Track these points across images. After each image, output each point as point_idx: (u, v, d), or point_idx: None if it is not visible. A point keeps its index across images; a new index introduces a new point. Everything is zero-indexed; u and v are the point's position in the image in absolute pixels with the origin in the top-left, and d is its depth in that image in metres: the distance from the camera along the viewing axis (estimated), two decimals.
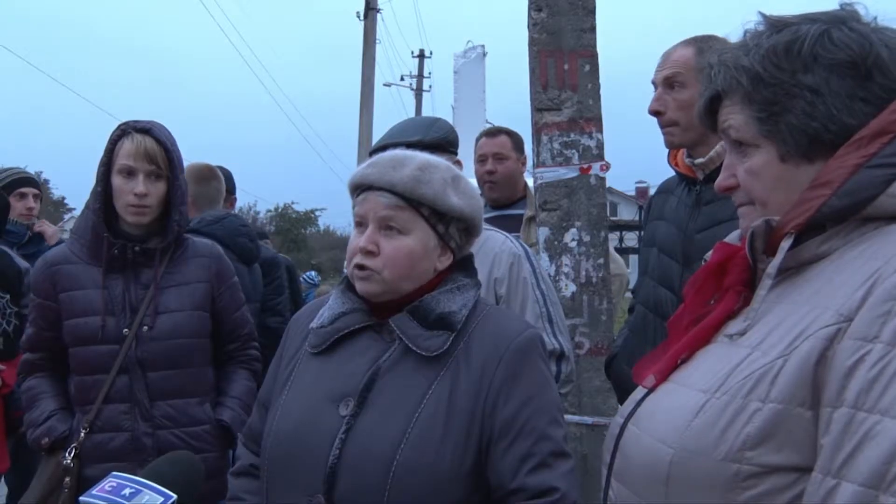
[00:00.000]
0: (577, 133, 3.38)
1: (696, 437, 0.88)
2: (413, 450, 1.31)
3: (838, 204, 0.90)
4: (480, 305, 1.50)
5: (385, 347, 1.42)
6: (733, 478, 0.85)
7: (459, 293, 1.47)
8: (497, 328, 1.45)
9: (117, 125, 2.15)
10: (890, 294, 0.80)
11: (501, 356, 1.40)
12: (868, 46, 0.92)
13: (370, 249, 1.41)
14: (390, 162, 1.44)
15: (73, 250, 2.16)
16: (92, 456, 2.04)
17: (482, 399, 1.37)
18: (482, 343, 1.42)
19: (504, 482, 1.35)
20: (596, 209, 3.35)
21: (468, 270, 1.54)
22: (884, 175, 0.88)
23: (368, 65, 17.49)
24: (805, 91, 0.94)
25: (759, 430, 0.84)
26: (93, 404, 2.06)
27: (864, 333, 0.80)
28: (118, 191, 2.10)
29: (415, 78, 29.25)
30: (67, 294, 2.11)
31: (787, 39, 0.96)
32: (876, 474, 0.74)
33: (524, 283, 2.15)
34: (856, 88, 0.92)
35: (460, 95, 8.63)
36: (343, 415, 1.36)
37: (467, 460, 1.34)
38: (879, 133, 0.90)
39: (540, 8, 3.44)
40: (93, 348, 2.08)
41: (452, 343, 1.40)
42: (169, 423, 2.11)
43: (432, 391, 1.37)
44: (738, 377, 0.88)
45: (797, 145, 0.96)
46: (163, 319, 2.12)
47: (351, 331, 1.45)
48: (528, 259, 2.21)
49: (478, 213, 1.51)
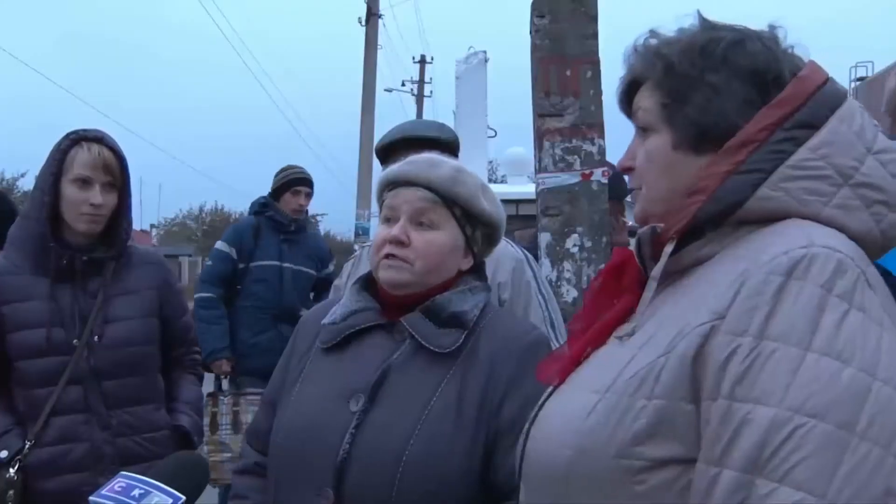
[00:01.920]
0: (578, 139, 3.39)
1: (589, 436, 0.93)
2: (423, 445, 1.33)
3: (712, 209, 0.96)
4: (489, 307, 1.53)
5: (396, 346, 1.44)
6: (626, 473, 0.89)
7: (471, 294, 1.49)
8: (506, 328, 1.48)
9: (65, 134, 2.12)
10: (755, 290, 0.85)
11: (510, 354, 1.42)
12: (773, 63, 0.99)
13: (402, 239, 1.44)
14: (427, 161, 1.50)
15: (12, 261, 2.10)
16: (47, 469, 2.01)
17: (490, 395, 1.39)
18: (492, 341, 1.44)
19: (508, 479, 1.36)
20: (598, 215, 3.36)
21: (480, 275, 1.57)
22: (751, 180, 0.94)
23: (370, 70, 17.53)
24: (707, 87, 1.00)
25: (645, 426, 0.89)
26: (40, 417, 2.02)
27: (734, 328, 0.85)
28: (71, 200, 2.07)
29: (416, 83, 29.30)
30: (10, 306, 2.05)
31: (706, 39, 1.02)
32: (750, 459, 0.79)
33: (527, 286, 2.17)
34: (753, 96, 0.99)
35: (462, 101, 8.66)
36: (353, 410, 1.37)
37: (475, 456, 1.36)
38: (746, 142, 0.96)
39: (542, 14, 3.46)
40: (41, 360, 2.04)
41: (463, 341, 1.42)
42: (129, 431, 2.09)
43: (442, 388, 1.38)
44: (625, 376, 0.93)
45: (688, 136, 1.01)
46: (115, 328, 2.10)
47: (362, 329, 1.47)
48: (529, 264, 2.23)
49: (502, 223, 1.56)
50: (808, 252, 0.86)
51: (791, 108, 0.96)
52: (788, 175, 0.94)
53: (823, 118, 0.96)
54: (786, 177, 0.94)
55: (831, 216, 0.93)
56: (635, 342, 0.97)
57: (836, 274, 0.85)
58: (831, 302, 0.83)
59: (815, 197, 0.93)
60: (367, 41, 17.69)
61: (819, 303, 0.83)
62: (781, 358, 0.81)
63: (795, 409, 0.79)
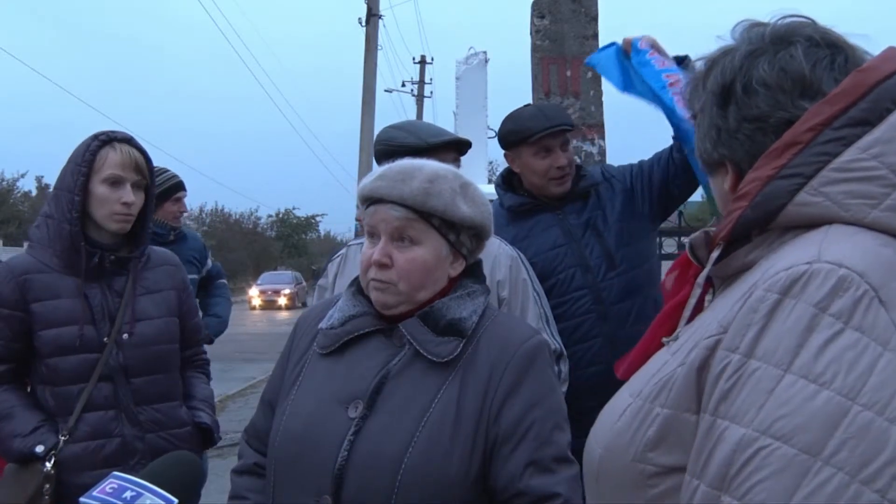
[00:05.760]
0: (579, 139, 3.39)
1: (616, 437, 0.95)
2: (421, 453, 1.32)
3: (751, 215, 0.94)
4: (489, 311, 1.51)
5: (395, 352, 1.43)
6: (640, 476, 0.91)
7: (470, 299, 1.48)
8: (505, 334, 1.46)
9: (92, 135, 2.16)
10: (752, 307, 0.84)
11: (509, 361, 1.41)
12: (728, 76, 0.99)
13: (384, 262, 1.42)
14: (399, 174, 1.44)
15: (41, 259, 2.14)
16: (81, 464, 2.04)
17: (489, 403, 1.38)
18: (490, 348, 1.43)
19: (507, 486, 1.35)
20: None
21: (477, 276, 1.55)
22: (791, 185, 0.91)
23: (370, 70, 17.53)
24: (697, 118, 1.05)
25: (655, 433, 0.90)
26: (73, 413, 2.07)
27: (729, 344, 0.85)
28: (102, 199, 2.11)
29: (416, 84, 29.33)
30: (42, 304, 2.09)
31: (706, 68, 1.04)
32: (718, 476, 0.80)
33: (524, 284, 2.17)
34: (716, 117, 1.00)
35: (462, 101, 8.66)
36: (352, 417, 1.37)
37: (474, 464, 1.35)
38: (791, 144, 0.92)
39: (542, 15, 3.46)
40: (73, 357, 2.08)
41: (462, 349, 1.41)
42: (156, 427, 2.15)
43: (441, 395, 1.37)
44: (652, 382, 0.94)
45: (701, 163, 1.07)
46: (143, 326, 2.16)
47: (361, 334, 1.46)
48: (522, 262, 2.23)
49: (487, 220, 1.52)
50: (810, 269, 0.83)
51: (845, 104, 0.91)
52: (831, 178, 0.89)
53: (882, 113, 0.90)
54: (828, 180, 0.89)
55: (878, 219, 0.88)
56: (672, 348, 0.97)
57: (834, 292, 0.81)
58: (824, 321, 0.81)
59: (862, 200, 0.88)
60: (367, 41, 17.69)
61: (809, 323, 0.81)
62: (761, 378, 0.81)
63: (762, 431, 0.78)
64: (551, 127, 2.46)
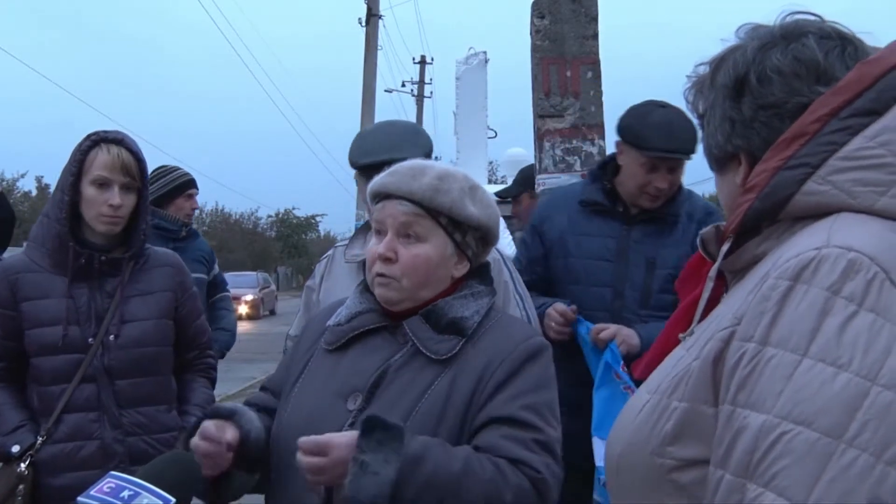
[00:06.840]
0: (579, 140, 3.38)
1: (635, 433, 0.96)
2: None
3: (760, 206, 0.95)
4: (493, 312, 1.53)
5: (397, 348, 1.46)
6: (660, 470, 0.92)
7: (473, 299, 1.50)
8: (505, 333, 1.48)
9: (86, 135, 2.14)
10: (765, 296, 0.85)
11: (504, 358, 1.43)
12: (742, 68, 1.00)
13: (388, 256, 1.45)
14: (409, 171, 1.48)
15: (33, 259, 2.14)
16: (58, 465, 2.03)
17: (476, 398, 1.40)
18: (488, 348, 1.45)
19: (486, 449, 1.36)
20: None
21: (484, 278, 1.57)
22: (798, 175, 0.92)
23: (370, 70, 17.53)
24: (705, 116, 1.06)
25: (673, 427, 0.91)
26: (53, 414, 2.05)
27: (744, 334, 0.86)
28: (91, 201, 2.10)
29: (416, 84, 29.34)
30: (30, 303, 2.09)
31: (713, 67, 1.05)
32: (742, 464, 0.81)
33: (505, 286, 2.16)
34: (729, 110, 1.01)
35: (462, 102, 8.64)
36: (350, 409, 1.41)
37: None
38: (798, 135, 0.93)
39: (542, 15, 3.45)
40: (56, 357, 2.07)
41: (461, 347, 1.43)
42: (139, 430, 2.12)
43: (432, 390, 1.40)
44: (669, 377, 0.95)
45: (709, 162, 1.09)
46: (129, 328, 2.13)
47: (366, 330, 1.49)
48: (505, 263, 2.22)
49: (494, 223, 1.55)
50: (819, 254, 0.84)
51: (851, 95, 0.91)
52: (838, 167, 0.90)
53: (889, 103, 0.90)
54: (835, 169, 0.90)
55: (886, 206, 0.88)
56: (687, 343, 0.98)
57: (845, 274, 0.82)
58: (837, 304, 0.81)
59: (869, 188, 0.89)
60: (367, 42, 17.69)
61: (823, 306, 0.81)
62: (778, 364, 0.81)
63: (784, 416, 0.79)
64: (668, 153, 2.37)
